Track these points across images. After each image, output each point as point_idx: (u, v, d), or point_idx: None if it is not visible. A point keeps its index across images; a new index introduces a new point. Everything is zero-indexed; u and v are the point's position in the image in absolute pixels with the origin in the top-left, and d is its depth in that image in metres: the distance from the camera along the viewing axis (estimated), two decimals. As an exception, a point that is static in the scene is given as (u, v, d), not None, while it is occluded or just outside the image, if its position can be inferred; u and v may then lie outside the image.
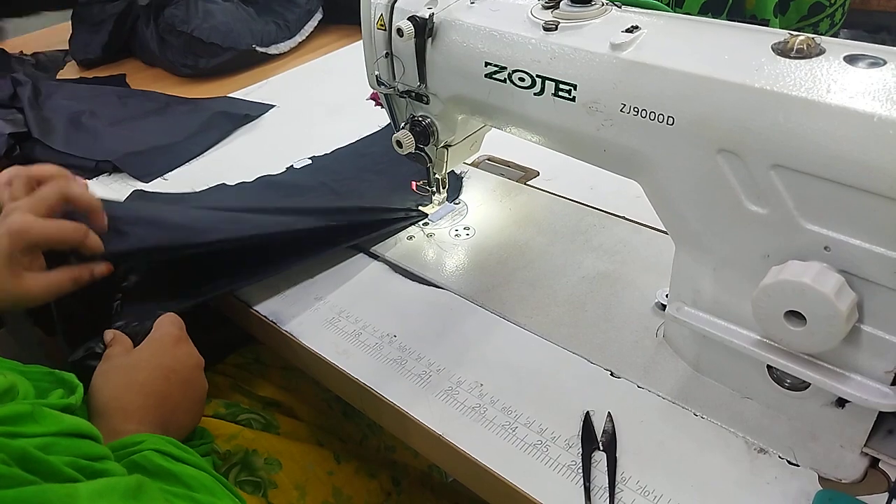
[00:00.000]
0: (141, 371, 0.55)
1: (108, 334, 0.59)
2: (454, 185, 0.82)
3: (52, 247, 0.59)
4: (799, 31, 0.46)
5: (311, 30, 1.31)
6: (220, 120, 1.01)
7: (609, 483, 0.48)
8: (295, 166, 0.90)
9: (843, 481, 0.48)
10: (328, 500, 0.65)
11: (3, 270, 0.55)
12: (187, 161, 0.94)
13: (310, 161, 0.91)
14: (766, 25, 0.98)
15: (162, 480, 0.44)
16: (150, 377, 0.55)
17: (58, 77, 1.25)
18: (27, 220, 0.56)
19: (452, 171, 0.81)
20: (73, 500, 0.32)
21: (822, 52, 0.44)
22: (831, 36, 0.50)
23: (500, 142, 0.76)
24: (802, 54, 0.44)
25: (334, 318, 0.66)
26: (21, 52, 1.33)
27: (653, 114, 0.47)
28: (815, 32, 1.05)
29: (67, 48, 1.35)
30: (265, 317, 0.67)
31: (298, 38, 1.29)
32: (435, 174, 0.74)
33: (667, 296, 0.61)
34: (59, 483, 0.33)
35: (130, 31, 1.25)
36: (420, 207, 0.78)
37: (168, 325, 0.60)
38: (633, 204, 0.76)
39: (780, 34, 0.46)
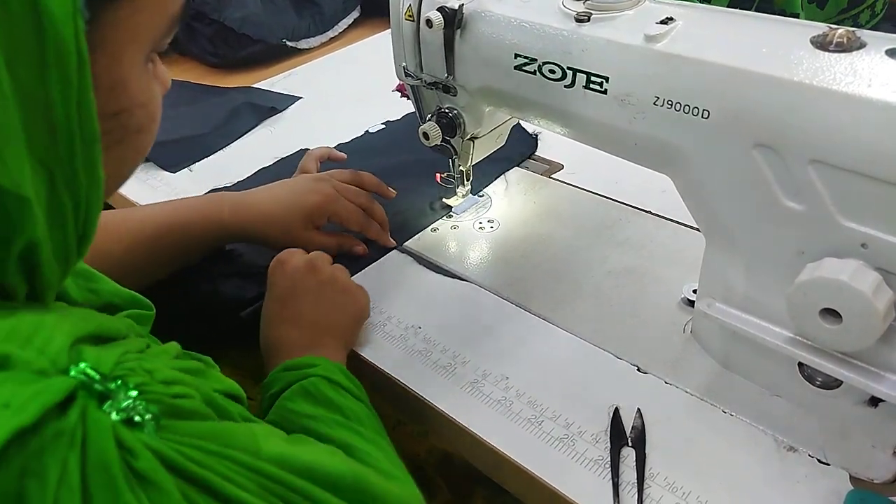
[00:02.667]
0: (297, 298, 0.60)
1: None
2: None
3: (338, 222, 0.71)
4: (839, 25, 0.45)
5: (346, 27, 1.30)
6: (246, 112, 1.01)
7: (638, 479, 0.48)
8: (370, 131, 0.95)
9: (874, 481, 0.47)
10: None
11: (302, 220, 0.69)
12: (213, 152, 0.94)
13: (383, 126, 0.96)
14: (797, 17, 0.96)
15: (324, 408, 0.48)
16: (307, 299, 0.60)
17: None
18: (336, 195, 0.70)
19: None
20: (253, 435, 0.34)
21: (862, 45, 0.43)
22: (872, 28, 0.49)
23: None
24: (842, 48, 0.43)
25: (359, 308, 0.66)
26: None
27: (687, 107, 0.47)
28: (856, 25, 1.03)
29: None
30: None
31: (331, 34, 1.27)
32: (460, 166, 0.74)
33: (694, 291, 0.61)
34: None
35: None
36: (444, 200, 0.78)
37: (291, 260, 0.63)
38: (658, 198, 0.75)
39: (819, 27, 0.45)
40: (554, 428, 0.53)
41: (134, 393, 0.29)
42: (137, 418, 0.29)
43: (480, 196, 0.80)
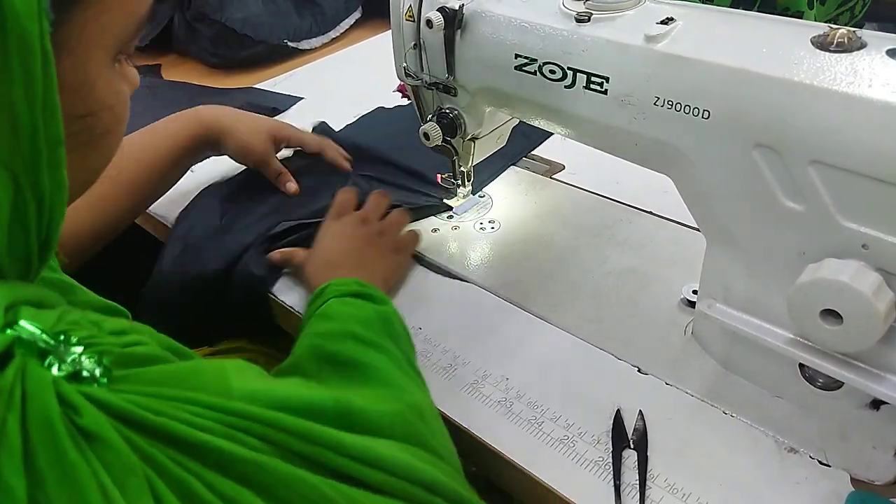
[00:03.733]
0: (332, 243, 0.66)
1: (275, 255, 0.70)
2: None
3: (296, 143, 0.84)
4: (831, 21, 0.45)
5: (347, 28, 1.30)
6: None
7: (640, 482, 0.48)
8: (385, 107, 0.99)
9: (875, 483, 0.47)
10: None
11: (266, 136, 0.80)
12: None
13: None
14: (800, 18, 0.96)
15: (336, 322, 0.50)
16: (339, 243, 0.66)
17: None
18: (288, 126, 0.84)
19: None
20: (224, 373, 0.33)
21: (863, 45, 0.43)
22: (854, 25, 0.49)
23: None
24: (843, 48, 0.43)
25: (359, 309, 0.66)
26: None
27: (688, 107, 0.47)
28: (851, 17, 1.02)
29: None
30: (291, 307, 0.67)
31: (332, 35, 1.27)
32: (460, 167, 0.74)
33: (694, 292, 0.61)
34: None
35: (169, 22, 1.25)
36: (444, 200, 0.78)
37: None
38: (659, 199, 0.75)
39: (820, 27, 0.45)
40: (554, 429, 0.53)
41: (79, 348, 0.28)
42: (85, 373, 0.28)
43: (481, 197, 0.80)
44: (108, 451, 0.27)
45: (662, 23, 0.49)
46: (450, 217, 0.77)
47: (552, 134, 0.85)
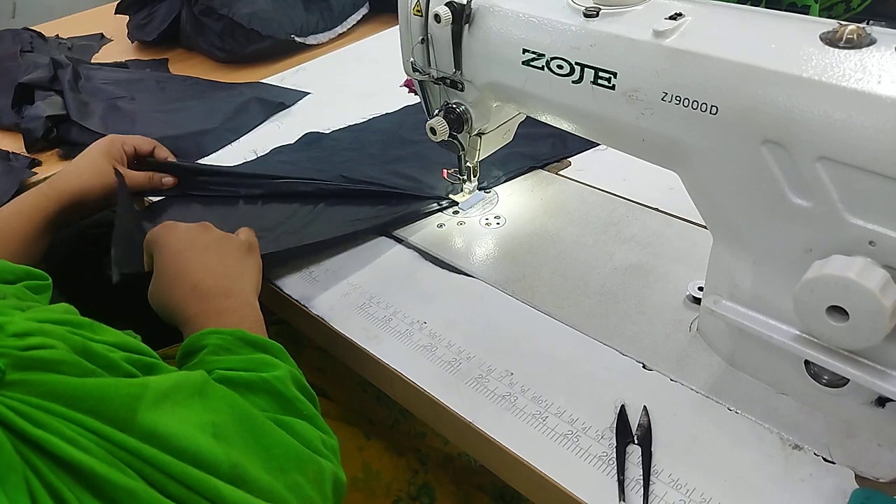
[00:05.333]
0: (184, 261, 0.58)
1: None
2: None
3: (131, 148, 0.82)
4: (827, 12, 0.45)
5: (354, 23, 1.30)
6: (254, 107, 1.01)
7: (644, 477, 0.48)
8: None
9: (880, 480, 0.47)
10: (357, 475, 0.66)
11: (104, 158, 0.78)
12: (221, 147, 0.94)
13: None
14: (807, 11, 0.95)
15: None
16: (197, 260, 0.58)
17: (93, 61, 1.26)
18: (118, 136, 0.82)
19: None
20: (135, 402, 0.34)
21: (872, 42, 0.43)
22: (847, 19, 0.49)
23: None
24: (852, 44, 0.43)
25: (365, 303, 0.66)
26: (57, 35, 1.35)
27: (696, 103, 0.46)
28: (847, 10, 1.02)
29: (101, 33, 1.37)
30: (297, 300, 0.67)
31: (340, 30, 1.28)
32: (467, 162, 0.74)
33: (699, 288, 0.61)
34: (120, 377, 0.35)
35: (176, 17, 1.26)
36: (451, 196, 0.78)
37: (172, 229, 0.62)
38: (665, 195, 0.75)
39: (829, 23, 0.45)
40: (558, 424, 0.53)
41: None
42: None
43: (487, 192, 0.80)
44: None
45: (671, 18, 0.49)
46: (455, 212, 0.77)
47: (595, 144, 0.83)
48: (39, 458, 0.29)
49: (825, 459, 0.48)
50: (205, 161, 0.92)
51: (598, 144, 0.82)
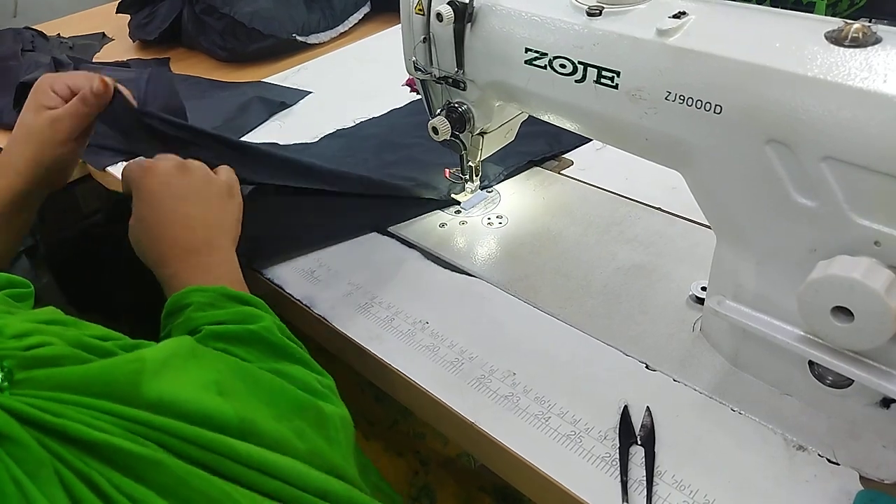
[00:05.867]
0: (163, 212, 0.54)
1: None
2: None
3: (65, 87, 0.65)
4: (832, 6, 0.45)
5: (356, 22, 1.30)
6: (256, 106, 1.01)
7: (647, 479, 0.48)
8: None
9: (885, 481, 0.46)
10: None
11: (33, 106, 0.64)
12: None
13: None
14: (812, 9, 0.94)
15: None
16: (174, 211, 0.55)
17: (94, 60, 1.26)
18: (48, 76, 0.66)
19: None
20: (138, 377, 0.34)
21: (878, 40, 0.43)
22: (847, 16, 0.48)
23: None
24: (857, 43, 0.43)
25: (367, 303, 0.66)
26: (59, 34, 1.35)
27: (699, 102, 0.46)
28: (851, 5, 1.01)
29: (102, 32, 1.37)
30: (298, 300, 0.67)
31: (341, 29, 1.28)
32: (469, 162, 0.74)
33: (702, 288, 0.61)
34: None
35: (178, 16, 1.25)
36: (452, 195, 0.78)
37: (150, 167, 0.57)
38: (668, 195, 0.75)
39: (834, 22, 0.45)
40: (561, 424, 0.52)
41: None
42: None
43: (489, 191, 0.80)
44: (18, 448, 0.28)
45: (675, 17, 0.48)
46: (457, 212, 0.77)
47: (588, 140, 0.84)
48: (64, 446, 0.30)
49: (829, 461, 0.48)
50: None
51: (593, 140, 0.82)
